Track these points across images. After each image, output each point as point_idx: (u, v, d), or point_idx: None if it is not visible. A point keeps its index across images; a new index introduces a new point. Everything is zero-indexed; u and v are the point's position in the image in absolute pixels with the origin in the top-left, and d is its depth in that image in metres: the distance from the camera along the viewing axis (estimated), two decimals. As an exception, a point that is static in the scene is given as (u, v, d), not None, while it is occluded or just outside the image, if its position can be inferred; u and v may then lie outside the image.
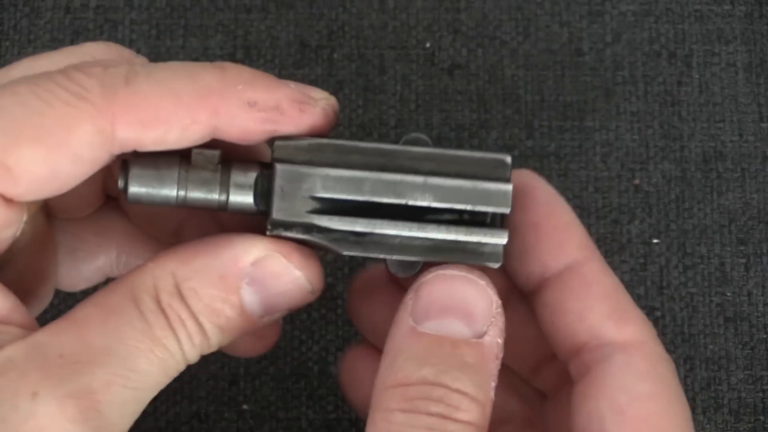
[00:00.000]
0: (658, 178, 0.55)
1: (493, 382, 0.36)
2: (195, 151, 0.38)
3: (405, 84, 0.55)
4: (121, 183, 0.38)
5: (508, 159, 0.39)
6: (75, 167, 0.36)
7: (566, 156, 0.55)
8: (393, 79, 0.56)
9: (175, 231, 0.43)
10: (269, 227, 0.38)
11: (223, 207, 0.39)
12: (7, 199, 0.36)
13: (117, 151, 0.37)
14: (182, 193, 0.38)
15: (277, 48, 0.56)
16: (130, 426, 0.36)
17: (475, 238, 0.38)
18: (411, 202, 0.38)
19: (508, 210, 0.38)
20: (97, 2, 0.56)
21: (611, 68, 0.56)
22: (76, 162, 0.36)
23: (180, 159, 0.38)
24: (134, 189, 0.38)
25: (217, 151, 0.38)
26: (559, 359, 0.42)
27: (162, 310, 0.36)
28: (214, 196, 0.38)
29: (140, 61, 0.40)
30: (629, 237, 0.54)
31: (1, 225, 0.36)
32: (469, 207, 0.38)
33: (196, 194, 0.38)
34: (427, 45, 0.56)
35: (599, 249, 0.54)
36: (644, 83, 0.56)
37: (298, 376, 0.53)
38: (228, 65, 0.38)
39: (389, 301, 0.42)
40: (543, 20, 0.56)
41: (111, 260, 0.45)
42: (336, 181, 0.38)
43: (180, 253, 0.38)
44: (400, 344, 0.36)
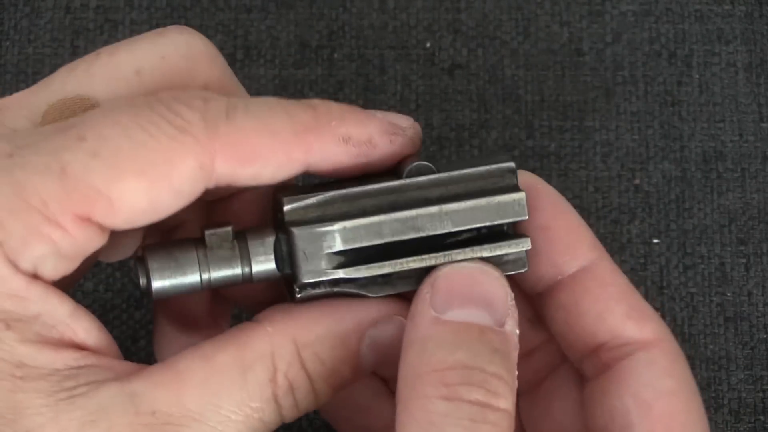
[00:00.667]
0: (658, 178, 0.55)
1: (516, 371, 0.36)
2: (207, 233, 0.38)
3: (405, 84, 0.55)
4: (142, 281, 0.38)
5: (512, 165, 0.39)
6: (173, 200, 0.36)
7: (566, 156, 0.55)
8: (393, 79, 0.56)
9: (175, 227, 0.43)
10: (298, 291, 0.38)
11: (248, 279, 0.38)
12: (102, 228, 0.36)
13: (212, 185, 0.37)
14: (206, 276, 0.38)
15: (277, 48, 0.56)
16: None
17: (499, 251, 0.38)
18: (431, 233, 0.38)
19: (526, 217, 0.38)
20: (97, 2, 0.56)
21: (611, 68, 0.56)
22: (175, 196, 0.36)
23: (195, 244, 0.38)
24: (158, 284, 0.38)
25: (230, 228, 0.38)
26: (537, 355, 0.42)
27: (273, 380, 0.36)
28: (238, 272, 0.38)
29: (223, 63, 0.41)
30: (629, 237, 0.54)
31: (90, 248, 0.36)
32: (488, 224, 0.38)
33: (220, 274, 0.38)
34: (428, 45, 0.56)
35: (599, 249, 0.54)
36: (644, 83, 0.56)
37: (298, 376, 0.53)
38: (316, 102, 0.38)
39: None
40: (543, 20, 0.56)
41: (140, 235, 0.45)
42: (354, 232, 0.37)
43: (298, 318, 0.37)
44: (426, 333, 0.36)
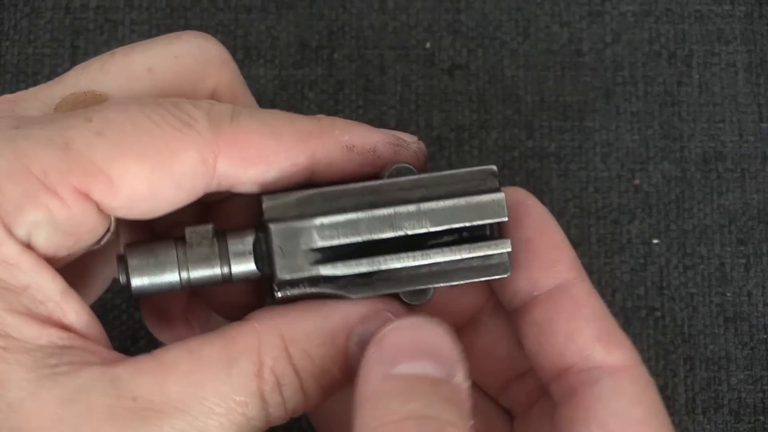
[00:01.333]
0: (658, 179, 0.55)
1: (471, 422, 0.35)
2: (188, 229, 0.38)
3: (405, 84, 0.55)
4: (122, 278, 0.38)
5: (494, 169, 0.39)
6: (172, 193, 0.37)
7: (566, 156, 0.55)
8: (393, 79, 0.56)
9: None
10: (276, 288, 0.38)
11: (228, 279, 0.38)
12: (100, 209, 0.36)
13: (214, 186, 0.37)
14: (185, 274, 0.38)
15: (277, 48, 0.56)
16: None
17: (479, 252, 0.38)
18: (409, 232, 0.38)
19: (505, 218, 0.38)
20: (97, 2, 0.56)
21: (611, 68, 0.56)
22: (174, 188, 0.36)
23: (175, 242, 0.38)
24: (137, 282, 0.38)
25: (210, 225, 0.38)
26: (529, 377, 0.41)
27: (259, 374, 0.36)
28: (217, 271, 0.38)
29: (235, 69, 0.41)
30: (629, 237, 0.54)
31: (88, 230, 0.37)
32: (467, 224, 0.38)
33: (199, 273, 0.38)
34: (427, 45, 0.56)
35: (599, 249, 0.54)
36: (644, 83, 0.56)
37: (298, 376, 0.53)
38: (321, 116, 0.38)
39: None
40: (543, 20, 0.56)
41: None
42: (331, 228, 0.37)
43: (286, 315, 0.37)
44: (377, 389, 0.35)
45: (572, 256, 0.39)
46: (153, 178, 0.36)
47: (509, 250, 0.38)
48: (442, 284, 0.38)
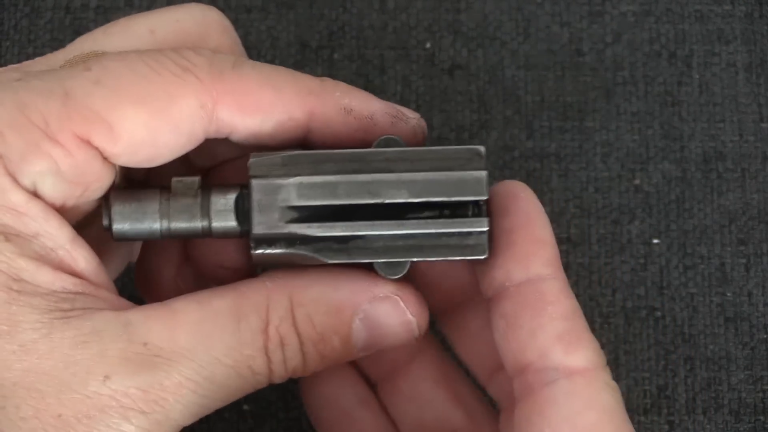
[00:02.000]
0: (659, 179, 0.55)
1: None
2: (175, 179, 0.39)
3: (405, 84, 0.55)
4: (105, 222, 0.39)
5: (482, 149, 0.38)
6: (172, 138, 0.37)
7: (566, 156, 0.55)
8: (393, 79, 0.56)
9: None
10: (253, 244, 0.38)
11: (208, 233, 0.39)
12: (104, 157, 0.37)
13: (213, 132, 0.38)
14: (165, 223, 0.38)
15: (277, 48, 0.56)
16: (188, 424, 0.37)
17: (455, 228, 0.38)
18: (387, 200, 0.38)
19: (485, 196, 0.38)
20: (97, 2, 0.56)
21: (611, 68, 0.56)
22: (174, 132, 0.37)
23: (161, 190, 0.39)
24: (118, 225, 0.39)
25: (197, 178, 0.39)
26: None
27: (265, 331, 0.37)
28: (197, 223, 0.39)
29: (235, 35, 0.42)
30: (629, 237, 0.54)
31: (94, 179, 0.37)
32: (445, 198, 0.38)
33: (179, 223, 0.39)
34: (428, 45, 0.56)
35: (600, 249, 0.54)
36: (644, 83, 0.56)
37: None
38: (326, 78, 0.39)
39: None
40: (543, 21, 0.56)
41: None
42: (310, 188, 0.38)
43: (299, 278, 0.38)
44: None
45: (551, 252, 0.39)
46: (152, 123, 0.36)
47: (486, 228, 0.38)
48: (417, 259, 0.38)
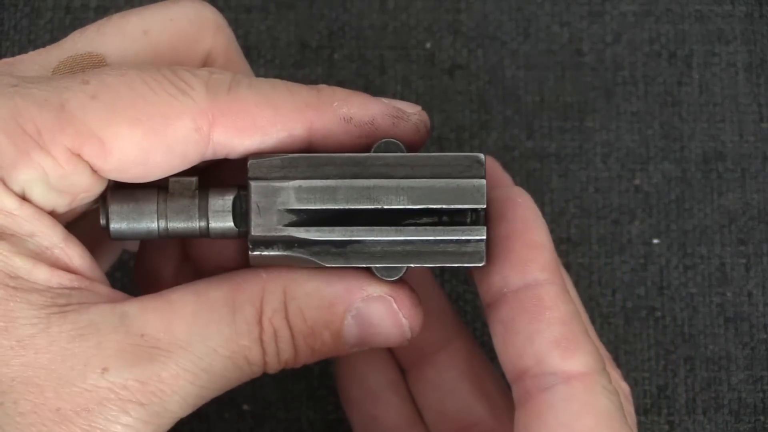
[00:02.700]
0: (659, 179, 0.55)
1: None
2: (172, 179, 0.39)
3: (405, 84, 0.55)
4: (102, 220, 0.39)
5: (482, 157, 0.38)
6: (164, 159, 0.37)
7: (566, 156, 0.55)
8: (393, 79, 0.56)
9: None
10: (250, 246, 0.38)
11: (205, 233, 0.39)
12: (93, 170, 0.37)
13: (209, 155, 0.37)
14: (162, 223, 0.38)
15: (277, 48, 0.56)
16: (185, 415, 0.37)
17: (453, 236, 0.38)
18: (386, 206, 0.38)
19: (483, 204, 0.38)
20: (97, 2, 0.56)
21: (611, 68, 0.56)
22: (167, 153, 0.37)
23: (158, 190, 0.39)
24: (115, 225, 0.39)
25: (194, 178, 0.39)
26: None
27: (259, 322, 0.37)
28: (195, 224, 0.39)
29: (230, 34, 0.41)
30: (629, 237, 0.54)
31: (83, 190, 0.37)
32: (444, 206, 0.38)
33: (177, 223, 0.39)
34: (428, 45, 0.56)
35: (600, 249, 0.54)
36: (644, 83, 0.56)
37: (298, 376, 0.53)
38: (322, 86, 0.39)
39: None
40: (543, 20, 0.56)
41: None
42: (309, 192, 0.38)
43: (294, 272, 0.38)
44: None
45: (549, 257, 0.39)
46: (145, 143, 0.36)
47: (483, 237, 0.38)
48: (415, 264, 0.38)
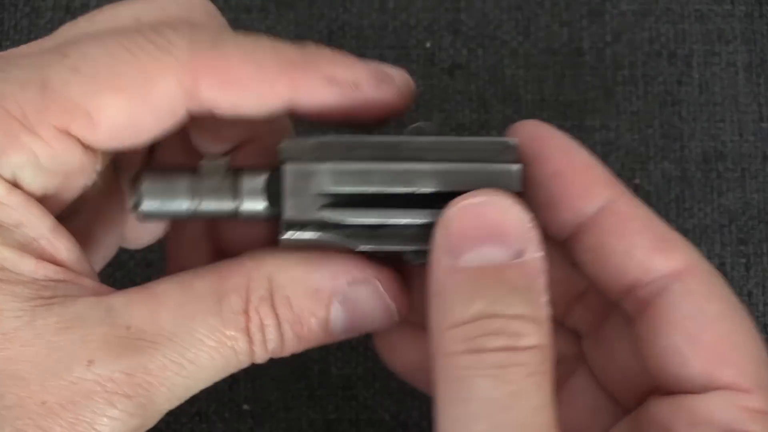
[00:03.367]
0: (658, 178, 0.55)
1: (545, 298, 0.35)
2: (203, 161, 0.39)
3: (405, 84, 0.56)
4: (135, 201, 0.39)
5: (515, 141, 0.39)
6: (154, 120, 0.37)
7: (566, 156, 0.55)
8: (393, 79, 0.56)
9: None
10: (283, 228, 0.38)
11: (234, 215, 0.39)
12: (84, 145, 0.37)
13: (196, 109, 0.37)
14: (194, 204, 0.39)
15: (277, 48, 0.56)
16: (173, 408, 0.37)
17: None
18: (421, 190, 0.38)
19: (519, 189, 0.38)
20: (97, 2, 0.56)
21: (611, 68, 0.56)
22: (155, 114, 0.37)
23: (190, 171, 0.39)
24: (147, 203, 0.39)
25: (226, 159, 0.39)
26: (590, 296, 0.41)
27: (246, 311, 0.37)
28: (227, 204, 0.39)
29: (223, 22, 0.41)
30: (629, 237, 0.54)
31: (76, 170, 0.37)
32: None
33: (209, 204, 0.39)
34: (427, 45, 0.56)
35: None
36: (644, 83, 0.56)
37: (298, 376, 0.53)
38: (309, 44, 0.38)
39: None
40: (543, 20, 0.56)
41: (162, 226, 0.45)
42: (344, 175, 0.38)
43: (279, 259, 0.38)
44: (444, 284, 0.36)
45: (605, 174, 0.39)
46: (131, 108, 0.36)
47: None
48: None
